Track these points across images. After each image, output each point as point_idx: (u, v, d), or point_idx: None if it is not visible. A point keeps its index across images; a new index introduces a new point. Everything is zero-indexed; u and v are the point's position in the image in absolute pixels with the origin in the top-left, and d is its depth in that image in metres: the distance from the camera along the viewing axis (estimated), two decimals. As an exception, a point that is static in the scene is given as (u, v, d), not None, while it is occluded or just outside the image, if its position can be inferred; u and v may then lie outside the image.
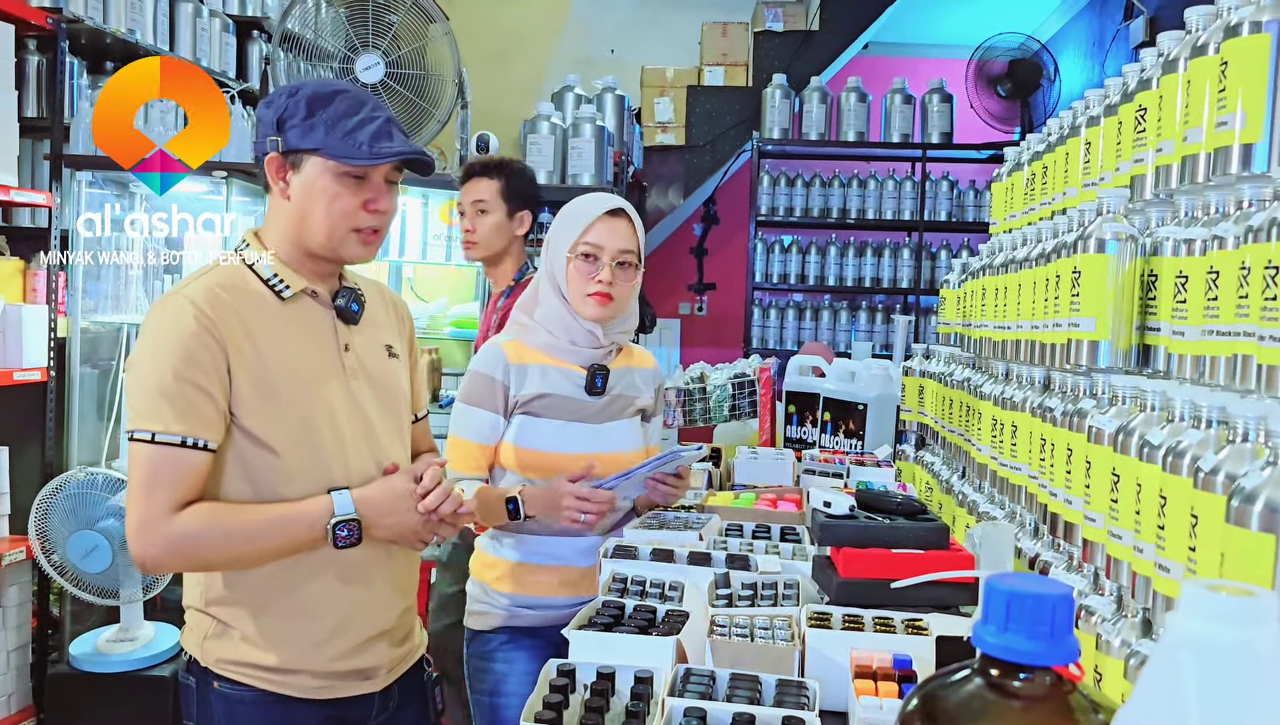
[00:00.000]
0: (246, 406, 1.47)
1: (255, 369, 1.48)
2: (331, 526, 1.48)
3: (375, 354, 1.65)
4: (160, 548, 1.44)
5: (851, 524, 1.51)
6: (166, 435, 1.41)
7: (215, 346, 1.44)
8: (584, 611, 1.45)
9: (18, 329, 3.11)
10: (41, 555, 2.96)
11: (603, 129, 4.39)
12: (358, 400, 1.58)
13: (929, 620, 1.40)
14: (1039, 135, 2.09)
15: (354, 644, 1.57)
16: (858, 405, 3.04)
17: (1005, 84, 6.01)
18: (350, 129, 1.50)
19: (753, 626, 1.43)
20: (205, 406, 1.44)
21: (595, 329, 2.00)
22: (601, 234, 1.97)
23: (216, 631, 1.53)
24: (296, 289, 1.55)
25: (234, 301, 1.49)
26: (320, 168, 1.51)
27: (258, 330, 1.49)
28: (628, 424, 2.07)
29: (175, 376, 1.42)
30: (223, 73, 4.24)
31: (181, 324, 1.44)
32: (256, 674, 1.52)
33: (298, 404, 1.51)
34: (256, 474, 1.49)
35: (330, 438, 1.53)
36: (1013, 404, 1.70)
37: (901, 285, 6.19)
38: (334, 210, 1.52)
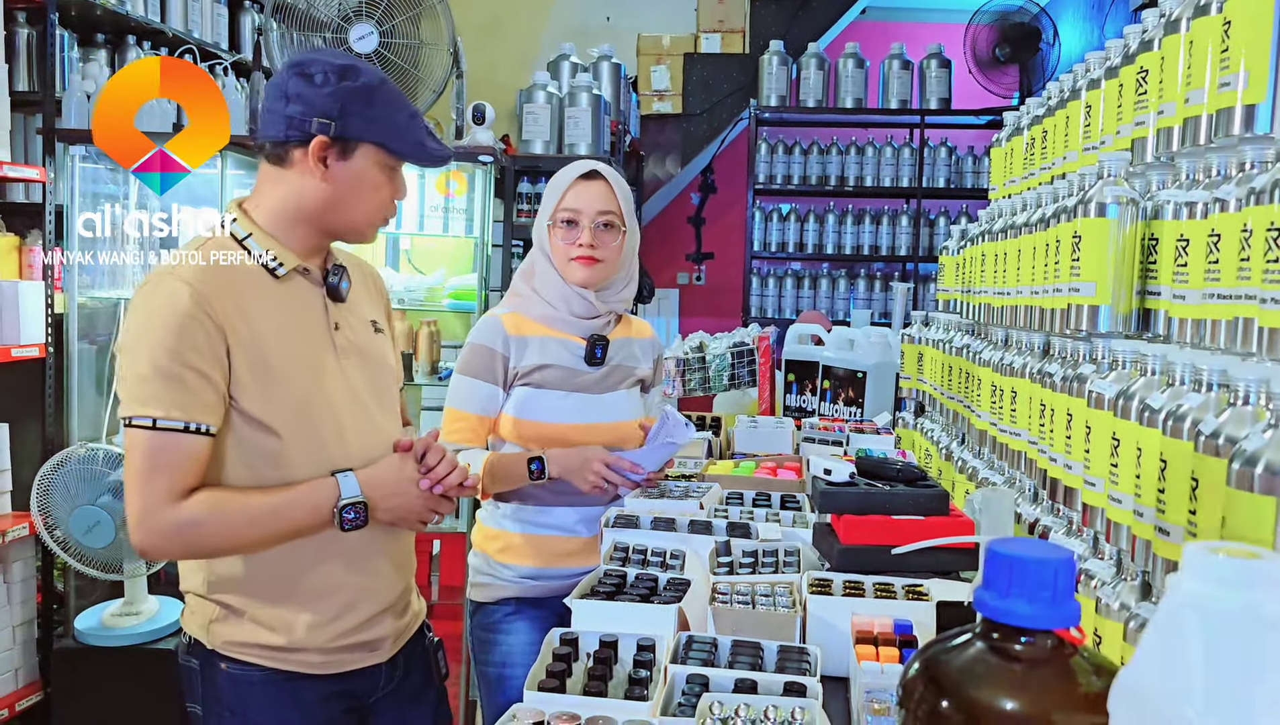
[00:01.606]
0: (245, 389, 1.44)
1: (253, 350, 1.45)
2: (338, 509, 1.47)
3: (362, 331, 1.63)
4: (163, 537, 1.41)
5: (852, 491, 1.52)
6: (167, 421, 1.38)
7: (213, 328, 1.41)
8: (586, 580, 1.45)
9: (14, 306, 3.10)
10: (44, 531, 2.96)
11: (599, 98, 4.35)
12: (350, 379, 1.57)
13: (929, 585, 1.41)
14: (1038, 100, 2.07)
15: (360, 620, 1.57)
16: (857, 373, 3.04)
17: (1004, 48, 5.96)
18: (403, 124, 1.52)
19: (754, 594, 1.43)
20: (205, 390, 1.41)
21: (588, 295, 2.00)
22: (579, 198, 1.98)
23: (221, 615, 1.52)
24: (290, 267, 1.53)
25: (228, 280, 1.46)
26: (372, 159, 1.51)
27: (253, 310, 1.47)
28: (626, 394, 2.07)
29: (173, 359, 1.38)
30: (215, 45, 4.20)
31: (177, 305, 1.40)
32: (265, 653, 1.52)
33: (296, 385, 1.49)
34: (255, 458, 1.47)
35: (328, 418, 1.52)
36: (1012, 370, 1.70)
37: (900, 253, 6.17)
38: (376, 201, 1.54)
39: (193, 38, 4.00)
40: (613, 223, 2.00)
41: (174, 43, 3.89)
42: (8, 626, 3.11)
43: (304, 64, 1.50)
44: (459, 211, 3.37)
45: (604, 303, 2.03)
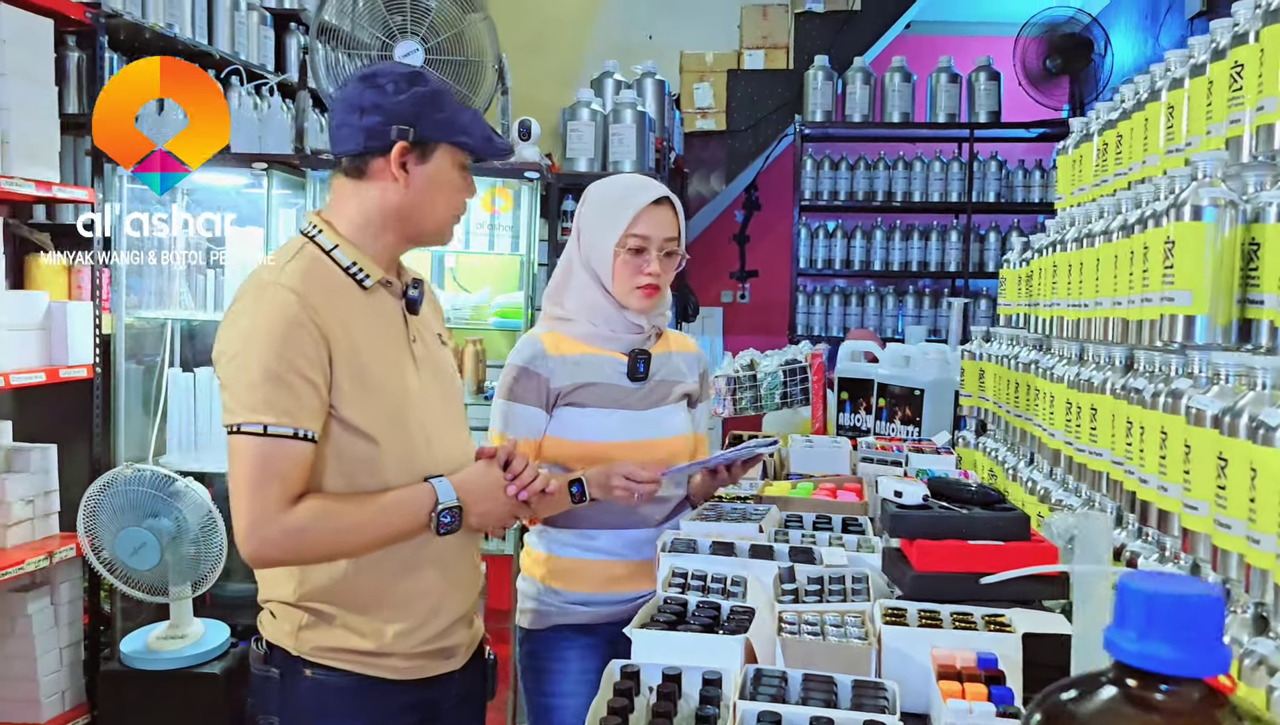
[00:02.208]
0: (344, 396, 1.46)
1: (351, 358, 1.47)
2: (436, 514, 1.50)
3: (433, 343, 1.67)
4: (276, 545, 1.42)
5: (926, 514, 1.43)
6: (278, 427, 1.39)
7: (318, 334, 1.43)
8: (645, 609, 1.38)
9: (63, 326, 3.11)
10: (90, 552, 2.95)
11: (644, 114, 4.31)
12: (429, 390, 1.60)
13: (1011, 616, 1.32)
14: (1108, 103, 1.98)
15: (442, 626, 1.60)
16: (914, 391, 2.94)
17: (1055, 59, 5.84)
18: (470, 122, 1.56)
19: (823, 623, 1.35)
20: (311, 397, 1.42)
21: (639, 319, 1.94)
22: (649, 225, 1.91)
23: (312, 622, 1.53)
24: (375, 279, 1.55)
25: (327, 289, 1.49)
26: (449, 159, 1.55)
27: (349, 319, 1.49)
28: (673, 409, 2.00)
29: (283, 366, 1.40)
30: (261, 65, 4.22)
31: (286, 312, 1.42)
32: (353, 658, 1.53)
33: (388, 393, 1.52)
34: (351, 465, 1.49)
35: (417, 427, 1.55)
36: (1091, 386, 1.60)
37: (949, 269, 6.05)
38: (454, 201, 1.58)
39: (239, 59, 4.02)
40: (674, 251, 1.94)
41: (220, 64, 3.91)
42: (55, 648, 3.10)
43: (372, 76, 1.53)
44: (505, 229, 3.33)
45: (650, 322, 1.97)
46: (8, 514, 2.96)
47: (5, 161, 2.87)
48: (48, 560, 2.98)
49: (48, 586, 3.12)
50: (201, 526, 2.95)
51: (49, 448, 3.13)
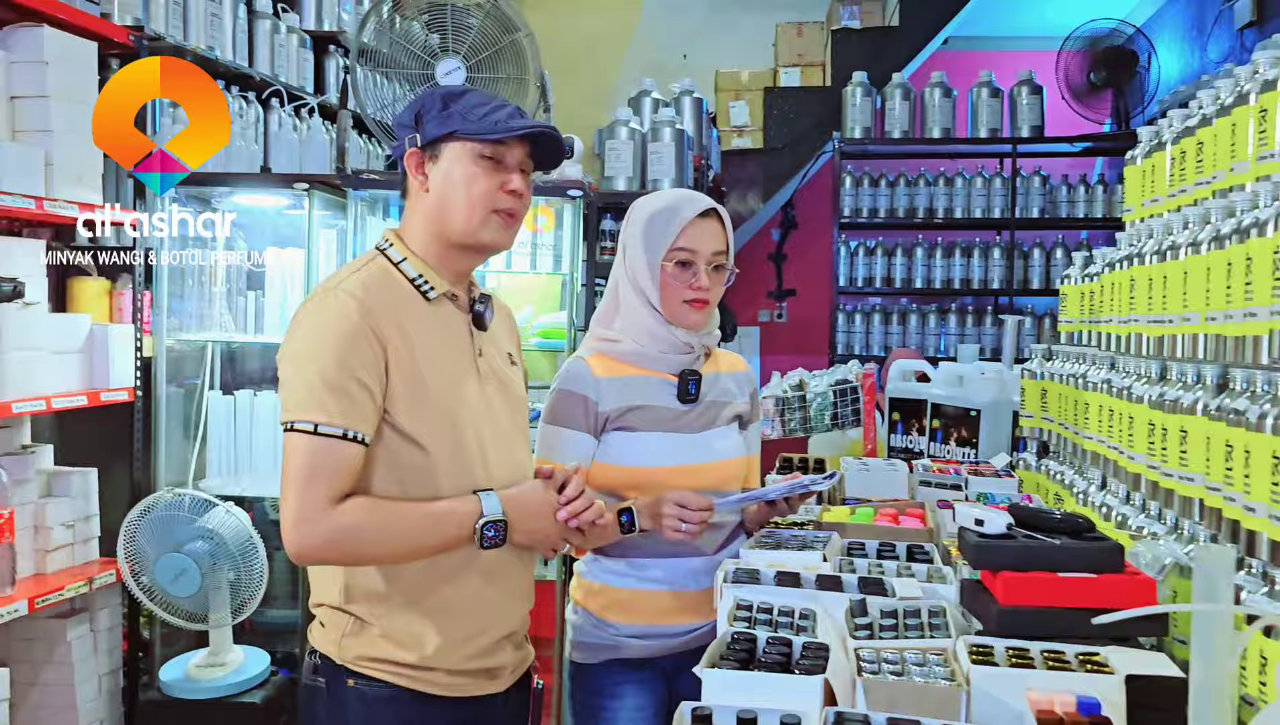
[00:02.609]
0: (399, 403, 1.48)
1: (408, 366, 1.49)
2: (480, 527, 1.49)
3: (501, 361, 1.67)
4: (318, 539, 1.43)
5: (1011, 544, 1.35)
6: (329, 427, 1.42)
7: (376, 342, 1.46)
8: (713, 646, 1.31)
9: (105, 349, 3.09)
10: (130, 578, 2.92)
11: (682, 132, 4.26)
12: (492, 404, 1.60)
13: (1108, 654, 1.23)
14: (1182, 111, 1.90)
15: (486, 644, 1.58)
16: (970, 411, 2.85)
17: (1099, 72, 5.73)
18: (484, 113, 1.54)
19: (904, 661, 1.27)
20: (365, 401, 1.45)
21: (690, 338, 1.87)
22: (696, 238, 1.84)
23: (355, 629, 1.53)
24: (440, 291, 1.57)
25: (390, 298, 1.52)
26: (458, 153, 1.54)
27: (410, 328, 1.51)
28: (725, 431, 1.92)
29: (339, 368, 1.43)
30: (301, 87, 4.21)
31: (345, 317, 1.45)
32: (395, 670, 1.52)
33: (444, 404, 1.52)
34: (404, 472, 1.50)
35: (472, 439, 1.55)
36: (1180, 406, 1.51)
37: (992, 286, 5.94)
38: (474, 193, 1.54)
39: (279, 81, 4.01)
40: (723, 264, 1.88)
41: (261, 86, 3.91)
42: (94, 676, 3.07)
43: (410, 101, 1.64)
44: (547, 248, 3.28)
45: (700, 339, 1.90)
46: (48, 539, 2.94)
47: (49, 184, 2.86)
48: (88, 586, 2.95)
49: (87, 613, 3.09)
50: (242, 552, 2.90)
51: (89, 472, 3.10)
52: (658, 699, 1.88)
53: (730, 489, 1.91)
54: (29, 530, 2.91)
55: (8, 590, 2.72)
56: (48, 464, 3.09)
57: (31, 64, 2.82)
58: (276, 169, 3.81)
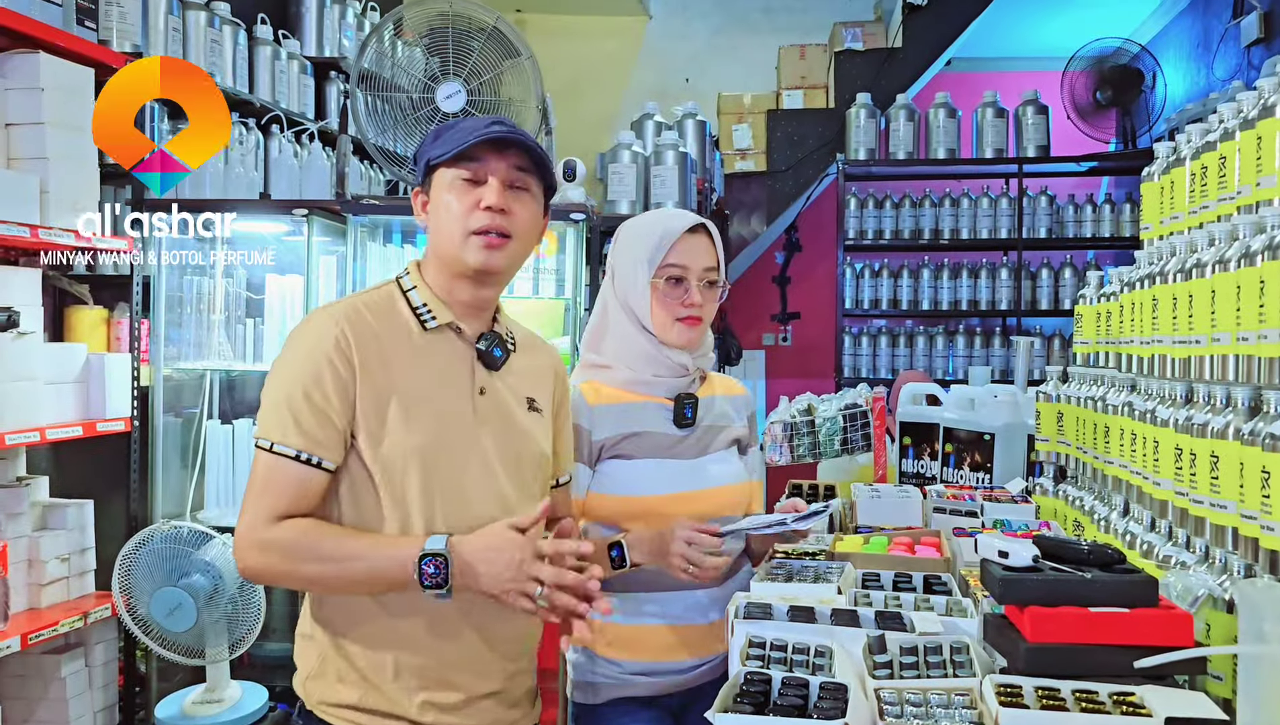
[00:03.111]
0: (364, 432, 1.45)
1: (376, 395, 1.45)
2: (417, 560, 1.37)
3: (513, 404, 1.57)
4: (253, 553, 1.42)
5: (1038, 578, 1.28)
6: (283, 446, 1.42)
7: (345, 366, 1.44)
8: (726, 688, 1.24)
9: (101, 378, 3.04)
10: (126, 613, 2.85)
11: (685, 155, 4.22)
12: (484, 445, 1.51)
13: (1143, 694, 1.16)
14: (1201, 126, 1.85)
15: (451, 700, 1.48)
16: (983, 435, 2.78)
17: (1105, 91, 5.70)
18: (460, 136, 1.49)
19: (927, 703, 1.20)
20: (324, 426, 1.43)
21: (684, 359, 1.81)
22: (686, 253, 1.79)
23: (317, 670, 1.50)
24: (442, 322, 1.53)
25: (377, 324, 1.49)
26: (441, 181, 1.51)
27: (394, 356, 1.48)
28: (723, 456, 1.87)
29: (303, 393, 1.43)
30: (301, 113, 4.19)
31: (319, 342, 1.45)
32: (347, 715, 1.47)
33: (414, 436, 1.46)
34: (361, 502, 1.46)
35: (447, 475, 1.47)
36: (1210, 430, 1.45)
37: (1000, 307, 5.88)
38: (451, 216, 1.50)
39: (280, 107, 3.99)
40: (715, 280, 1.82)
41: (261, 112, 3.89)
42: (88, 713, 3.00)
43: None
44: (549, 272, 3.23)
45: (694, 361, 1.84)
46: (42, 573, 2.88)
47: (45, 212, 2.82)
48: (83, 621, 2.89)
49: (82, 648, 3.03)
50: (239, 585, 2.84)
51: (85, 504, 3.05)
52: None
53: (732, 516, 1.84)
54: (23, 564, 2.85)
55: (1, 626, 2.66)
56: (43, 496, 3.04)
57: (27, 90, 2.78)
58: (276, 195, 3.78)
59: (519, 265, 1.58)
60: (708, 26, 7.06)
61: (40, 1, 2.87)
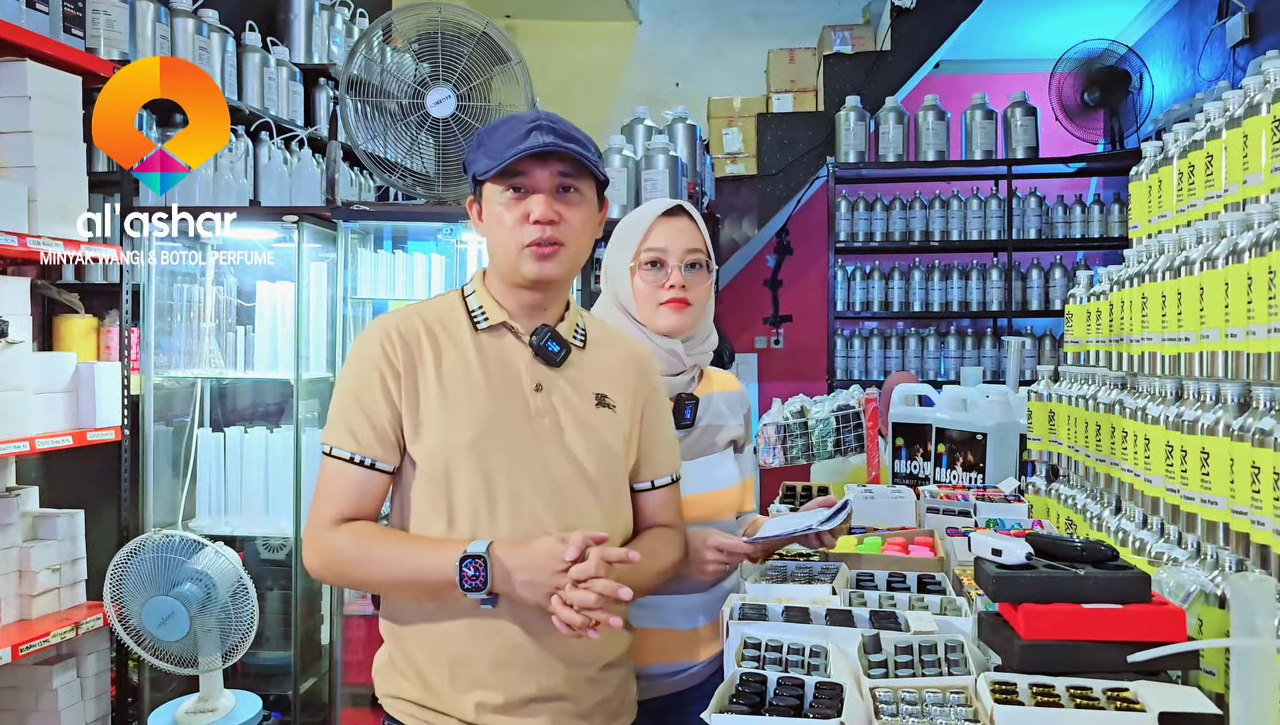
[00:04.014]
0: (412, 433, 1.48)
1: (430, 396, 1.48)
2: (459, 561, 1.39)
3: (577, 400, 1.54)
4: (313, 557, 1.48)
5: (1031, 575, 1.28)
6: (340, 450, 1.48)
7: (392, 374, 1.48)
8: (722, 689, 1.24)
9: (91, 388, 3.03)
10: (118, 623, 2.84)
11: (676, 159, 4.24)
12: (539, 442, 1.50)
13: (1137, 690, 1.16)
14: (1189, 125, 1.86)
15: (502, 700, 1.46)
16: (976, 435, 2.79)
17: (1093, 92, 5.73)
18: (500, 146, 1.48)
19: (923, 701, 1.20)
20: (376, 429, 1.48)
21: (675, 347, 1.80)
22: (664, 236, 1.77)
23: (385, 661, 1.54)
24: (495, 321, 1.54)
25: (431, 328, 1.53)
26: (490, 195, 1.52)
27: (446, 357, 1.51)
28: (721, 457, 1.86)
29: (354, 398, 1.49)
30: (291, 120, 4.19)
31: (369, 350, 1.50)
32: (409, 710, 1.50)
33: (461, 434, 1.47)
34: (414, 499, 1.49)
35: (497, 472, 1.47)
36: (1200, 427, 1.46)
37: (991, 308, 5.90)
38: (504, 229, 1.50)
39: (269, 114, 3.99)
40: (700, 262, 1.79)
41: (250, 119, 3.88)
42: (81, 724, 2.98)
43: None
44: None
45: (690, 356, 1.83)
46: (33, 584, 2.86)
47: (33, 221, 2.81)
48: (74, 631, 2.87)
49: (74, 658, 3.01)
50: (232, 594, 2.83)
51: (76, 513, 3.03)
52: None
53: (727, 516, 1.85)
54: (13, 575, 2.84)
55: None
56: (33, 507, 3.02)
57: (14, 99, 2.77)
58: (266, 202, 3.77)
59: (578, 267, 1.56)
60: (697, 31, 7.08)
61: (27, 9, 2.86)
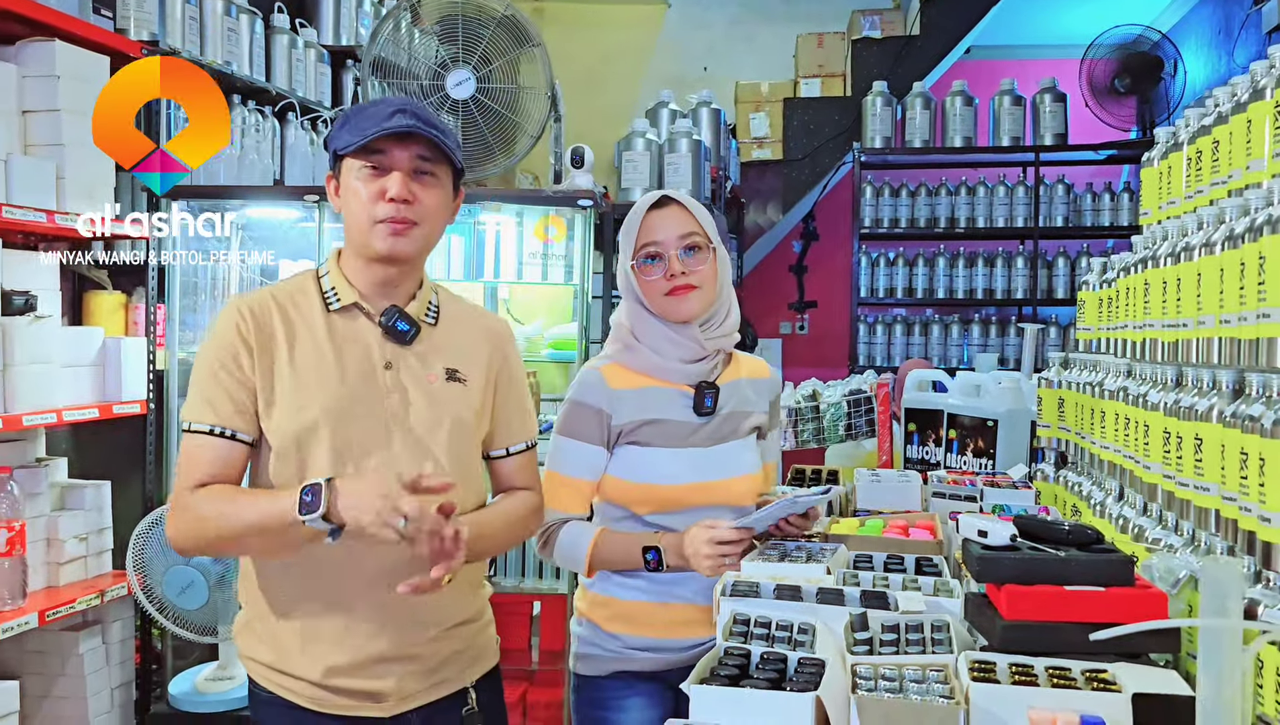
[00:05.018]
0: (265, 410, 1.54)
1: (283, 375, 1.54)
2: (299, 492, 1.41)
3: (426, 375, 1.61)
4: (175, 524, 1.53)
5: (1015, 557, 1.30)
6: (199, 424, 1.53)
7: (246, 352, 1.53)
8: (704, 661, 1.27)
9: (118, 362, 3.10)
10: (140, 591, 2.91)
11: (699, 143, 4.23)
12: (391, 418, 1.56)
13: (1115, 671, 1.18)
14: (1199, 110, 1.84)
15: (346, 661, 1.54)
16: (986, 422, 2.79)
17: (1124, 79, 5.65)
18: (362, 123, 1.53)
19: (901, 677, 1.22)
20: (233, 403, 1.53)
21: (694, 332, 1.83)
22: (656, 228, 1.81)
23: (242, 625, 1.62)
24: (346, 302, 1.59)
25: (284, 307, 1.58)
26: (349, 170, 1.56)
27: (298, 337, 1.56)
28: (742, 445, 1.88)
29: (210, 375, 1.54)
30: (318, 101, 4.23)
31: (224, 328, 1.55)
32: (262, 671, 1.58)
33: (309, 411, 1.53)
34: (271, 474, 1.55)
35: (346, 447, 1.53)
36: (1194, 413, 1.46)
37: (1016, 296, 5.85)
38: (359, 203, 1.55)
39: (296, 95, 4.03)
40: (698, 244, 1.82)
41: (276, 99, 3.93)
42: (105, 689, 3.06)
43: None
44: (558, 258, 3.25)
45: (710, 340, 1.86)
46: (60, 552, 2.94)
47: (61, 198, 2.88)
48: (99, 599, 2.95)
49: (99, 625, 3.09)
50: (251, 564, 2.88)
51: (102, 484, 3.11)
52: (665, 712, 1.83)
53: (745, 502, 1.87)
54: (41, 543, 2.92)
55: (19, 603, 2.72)
56: (61, 477, 3.10)
57: (43, 78, 2.83)
58: (290, 181, 3.82)
59: (429, 247, 1.63)
60: (726, 15, 7.04)
61: (57, -10, 2.92)
